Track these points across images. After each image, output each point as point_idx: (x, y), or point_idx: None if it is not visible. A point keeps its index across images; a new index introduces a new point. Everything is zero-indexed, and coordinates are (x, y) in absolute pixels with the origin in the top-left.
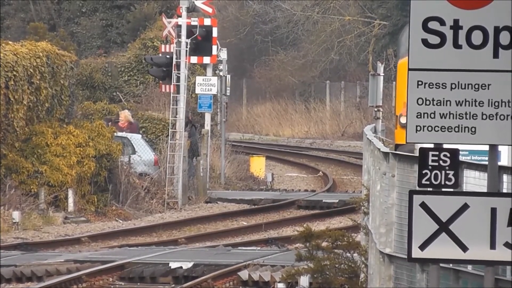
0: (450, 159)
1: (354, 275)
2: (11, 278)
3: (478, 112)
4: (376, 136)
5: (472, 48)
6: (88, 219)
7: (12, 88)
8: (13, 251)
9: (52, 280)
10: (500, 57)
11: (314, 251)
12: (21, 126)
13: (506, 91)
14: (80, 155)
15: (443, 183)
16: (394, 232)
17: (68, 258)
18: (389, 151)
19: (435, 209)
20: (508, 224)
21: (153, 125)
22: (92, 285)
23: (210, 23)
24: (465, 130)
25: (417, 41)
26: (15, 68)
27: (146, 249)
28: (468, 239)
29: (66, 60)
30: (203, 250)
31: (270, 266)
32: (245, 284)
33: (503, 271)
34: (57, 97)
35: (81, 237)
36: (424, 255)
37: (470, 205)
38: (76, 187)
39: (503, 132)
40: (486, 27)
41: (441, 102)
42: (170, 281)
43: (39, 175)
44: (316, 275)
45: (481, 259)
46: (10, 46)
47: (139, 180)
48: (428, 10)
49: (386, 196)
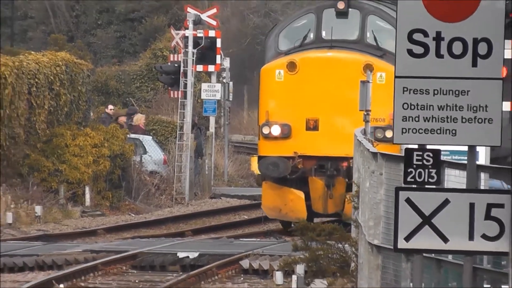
0: (432, 158)
1: (345, 264)
2: (33, 267)
3: (458, 116)
4: (365, 137)
5: (453, 58)
6: (103, 213)
7: (34, 94)
8: (36, 242)
9: (70, 269)
10: (478, 66)
11: (309, 242)
12: (42, 129)
13: (483, 97)
14: (96, 155)
15: (426, 180)
16: (381, 225)
17: (85, 249)
18: (378, 151)
19: (419, 204)
20: (485, 217)
21: (163, 127)
22: (107, 273)
23: (215, 35)
24: (446, 132)
25: (403, 51)
26: (37, 76)
27: (156, 240)
28: (449, 232)
29: (83, 68)
30: (208, 241)
31: (269, 256)
32: (246, 272)
33: (481, 260)
34: (75, 102)
35: (97, 229)
36: (409, 246)
37: (450, 201)
38: (92, 184)
39: (481, 134)
40: (465, 38)
41: (425, 107)
42: (178, 270)
43: (59, 173)
44: (310, 264)
45: (460, 250)
46: (33, 55)
47: (149, 178)
48: (413, 22)
49: (374, 192)
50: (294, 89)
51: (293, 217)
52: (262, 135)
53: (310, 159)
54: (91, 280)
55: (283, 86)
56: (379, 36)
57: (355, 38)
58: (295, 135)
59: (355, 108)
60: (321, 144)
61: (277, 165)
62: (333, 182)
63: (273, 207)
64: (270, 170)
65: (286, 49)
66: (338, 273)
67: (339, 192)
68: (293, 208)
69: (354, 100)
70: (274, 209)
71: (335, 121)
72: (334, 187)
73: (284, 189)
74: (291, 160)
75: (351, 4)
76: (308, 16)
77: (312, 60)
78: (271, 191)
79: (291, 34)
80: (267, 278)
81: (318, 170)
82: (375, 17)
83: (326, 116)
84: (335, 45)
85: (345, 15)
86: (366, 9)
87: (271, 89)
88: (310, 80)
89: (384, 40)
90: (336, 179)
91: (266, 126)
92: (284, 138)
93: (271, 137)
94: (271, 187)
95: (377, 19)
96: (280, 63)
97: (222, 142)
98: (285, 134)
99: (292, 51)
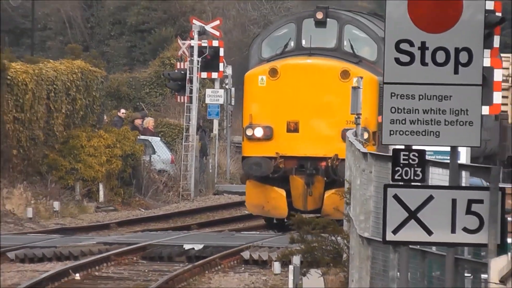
0: (418, 158)
1: (338, 255)
2: (52, 257)
3: (441, 119)
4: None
5: (436, 66)
6: (115, 208)
7: (53, 99)
8: (54, 234)
9: (86, 259)
10: (459, 73)
11: (304, 235)
12: (60, 131)
13: (464, 101)
14: (109, 154)
15: (412, 178)
16: (371, 219)
17: (99, 241)
18: (368, 151)
19: (405, 200)
20: (466, 212)
21: (170, 129)
22: (119, 264)
23: (218, 44)
24: (430, 134)
25: (391, 59)
26: (55, 82)
27: (164, 233)
28: (433, 225)
29: (97, 75)
30: (211, 234)
31: (267, 248)
32: (247, 263)
33: (462, 251)
34: (90, 107)
35: (110, 223)
36: (396, 238)
37: (434, 197)
38: (105, 181)
39: (462, 136)
40: (448, 48)
41: (411, 111)
42: (184, 260)
43: (75, 171)
44: (306, 255)
45: (443, 242)
46: (51, 64)
47: (158, 176)
48: (400, 33)
49: (364, 189)
50: (275, 94)
51: (275, 213)
52: (246, 136)
53: (291, 159)
54: (104, 270)
55: (265, 91)
56: (355, 44)
57: (332, 46)
58: (277, 137)
59: (333, 111)
60: (301, 145)
61: (260, 164)
62: (312, 181)
63: (256, 204)
64: (254, 170)
65: (268, 56)
66: (331, 264)
67: (318, 190)
68: (275, 205)
69: (332, 103)
70: (257, 206)
71: (314, 124)
72: (313, 185)
73: (267, 187)
74: (273, 160)
75: (329, 14)
76: (288, 25)
77: (292, 67)
78: (255, 189)
79: (273, 42)
80: (266, 268)
81: (298, 170)
82: (351, 27)
83: (305, 119)
84: (314, 53)
85: (324, 25)
86: (343, 19)
87: (254, 94)
88: (290, 85)
89: (360, 48)
90: (315, 177)
91: (249, 128)
92: (266, 140)
93: (254, 139)
94: (254, 185)
95: (353, 28)
96: (262, 69)
97: (225, 143)
98: (268, 135)
99: (274, 58)
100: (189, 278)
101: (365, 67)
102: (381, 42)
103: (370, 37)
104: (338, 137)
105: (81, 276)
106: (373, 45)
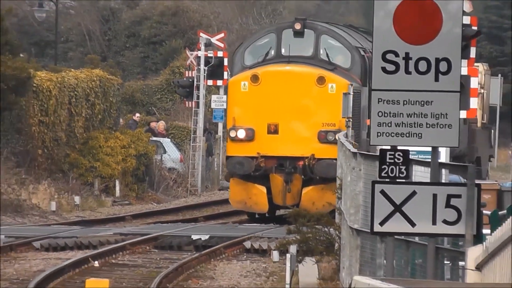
0: (402, 157)
1: (330, 245)
2: (73, 247)
3: (423, 122)
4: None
5: (419, 74)
6: (130, 202)
7: (74, 104)
8: (75, 226)
9: (103, 248)
10: (440, 81)
11: (300, 227)
12: (80, 133)
13: (444, 106)
14: (124, 154)
15: (397, 175)
16: (360, 212)
17: (116, 232)
18: (357, 151)
19: (391, 195)
20: (446, 206)
21: (179, 131)
22: (134, 252)
23: (222, 55)
24: (413, 136)
25: (378, 68)
26: (76, 89)
27: (173, 225)
28: (416, 218)
29: (114, 83)
30: (216, 226)
31: (267, 238)
32: (248, 252)
33: (442, 241)
34: (107, 111)
35: (125, 216)
36: (383, 229)
37: (417, 192)
38: (121, 178)
39: (442, 137)
40: (429, 58)
41: (396, 114)
42: (192, 249)
43: (94, 169)
44: (301, 244)
45: (425, 232)
46: (72, 72)
47: (168, 173)
48: (386, 45)
49: (354, 185)
50: (257, 98)
51: (257, 209)
52: (229, 137)
53: (271, 159)
54: (120, 258)
55: (247, 96)
56: (330, 53)
57: (310, 54)
58: (258, 138)
59: (309, 114)
60: (280, 145)
61: (243, 164)
62: (291, 179)
63: (239, 200)
64: (237, 168)
65: (250, 64)
66: (324, 252)
67: (296, 187)
68: (256, 201)
69: (309, 107)
70: (240, 202)
71: (293, 126)
72: (292, 182)
73: (249, 185)
74: (255, 159)
75: (307, 25)
76: (269, 35)
77: (272, 73)
78: (238, 186)
79: (255, 51)
80: (265, 256)
81: (278, 168)
82: (327, 37)
83: (285, 121)
84: (293, 60)
85: (301, 35)
86: (320, 30)
87: (237, 98)
88: (271, 91)
89: (334, 56)
90: (293, 175)
91: (233, 130)
92: (248, 141)
93: (237, 140)
94: (237, 183)
95: (329, 38)
96: (245, 76)
97: None
98: (249, 137)
99: (256, 65)
100: (196, 265)
101: (339, 74)
102: (354, 51)
103: (345, 46)
104: (315, 138)
105: (99, 264)
106: (347, 54)
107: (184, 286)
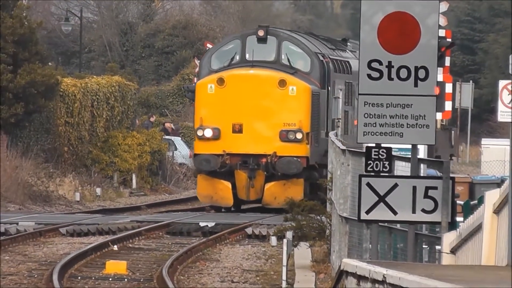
0: (386, 154)
1: (322, 231)
2: (95, 232)
3: (404, 123)
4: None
5: (400, 80)
6: (145, 193)
7: (95, 106)
8: (96, 214)
9: (122, 234)
10: (418, 86)
11: (295, 215)
12: (101, 132)
13: (422, 109)
14: (140, 151)
15: (381, 170)
16: (349, 202)
17: (132, 219)
18: (346, 148)
19: (376, 187)
20: (424, 196)
21: (189, 131)
22: (148, 237)
23: None
24: (396, 135)
25: (364, 75)
26: (97, 93)
27: (184, 213)
28: (398, 207)
29: (131, 88)
30: (221, 214)
31: (266, 225)
32: (250, 237)
33: (421, 228)
34: (125, 113)
35: (141, 205)
36: (369, 217)
37: (399, 184)
38: (137, 172)
39: (421, 136)
40: (409, 66)
41: (380, 116)
42: (200, 235)
43: (113, 164)
44: (297, 231)
45: (406, 220)
46: (95, 79)
47: (179, 168)
48: (371, 54)
49: (343, 178)
50: (222, 100)
51: (222, 203)
52: (197, 136)
53: (236, 156)
54: (136, 242)
55: (214, 97)
56: (291, 58)
57: (272, 59)
58: (224, 137)
59: (272, 115)
60: (244, 144)
61: (209, 161)
62: (254, 175)
63: (206, 195)
64: (203, 165)
65: (217, 68)
66: (317, 238)
67: (259, 183)
68: (222, 196)
69: (271, 108)
70: (207, 196)
71: (256, 126)
72: (255, 178)
73: (215, 180)
74: (220, 157)
75: (269, 32)
76: (234, 41)
77: (237, 77)
78: (204, 182)
79: (221, 56)
80: (265, 241)
81: (242, 165)
82: (288, 43)
83: (248, 121)
84: (256, 65)
85: (264, 41)
86: (281, 36)
87: (205, 100)
88: (235, 93)
89: (295, 61)
90: (256, 172)
91: (200, 129)
92: (214, 139)
93: (204, 138)
94: (204, 178)
95: (290, 44)
96: (211, 79)
97: None
98: (216, 136)
99: (222, 69)
100: (203, 249)
101: (300, 77)
102: (314, 56)
103: (305, 52)
104: (276, 137)
105: (118, 247)
106: (307, 59)
107: (193, 267)
